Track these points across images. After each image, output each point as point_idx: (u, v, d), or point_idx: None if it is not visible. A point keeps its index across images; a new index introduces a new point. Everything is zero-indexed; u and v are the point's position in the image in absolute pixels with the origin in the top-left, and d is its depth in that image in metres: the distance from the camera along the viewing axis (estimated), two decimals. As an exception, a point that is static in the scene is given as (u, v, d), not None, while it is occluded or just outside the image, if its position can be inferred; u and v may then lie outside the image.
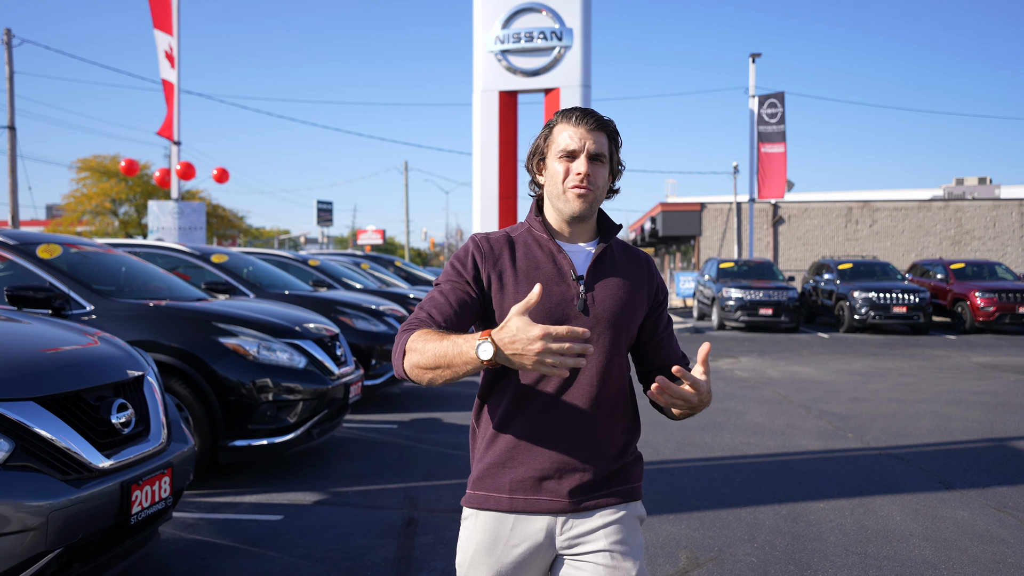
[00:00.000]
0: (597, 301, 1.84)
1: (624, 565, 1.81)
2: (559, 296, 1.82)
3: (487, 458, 1.86)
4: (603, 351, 1.83)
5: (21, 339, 3.26)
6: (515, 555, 1.82)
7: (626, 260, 1.94)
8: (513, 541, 1.82)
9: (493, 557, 1.82)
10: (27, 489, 2.57)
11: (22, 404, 2.70)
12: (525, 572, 1.83)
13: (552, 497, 1.81)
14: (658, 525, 4.41)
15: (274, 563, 3.83)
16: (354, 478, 5.42)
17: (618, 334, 1.85)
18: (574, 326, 1.56)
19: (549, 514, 1.81)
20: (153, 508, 3.11)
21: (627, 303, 1.87)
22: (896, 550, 4.08)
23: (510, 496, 1.82)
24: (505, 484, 1.82)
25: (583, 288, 1.84)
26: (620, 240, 2.01)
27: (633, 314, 1.89)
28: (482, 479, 1.85)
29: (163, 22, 15.74)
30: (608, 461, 1.85)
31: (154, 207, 16.75)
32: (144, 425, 3.24)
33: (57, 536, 2.62)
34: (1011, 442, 6.64)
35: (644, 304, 1.93)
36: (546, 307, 1.80)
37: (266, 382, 5.24)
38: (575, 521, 1.82)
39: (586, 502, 1.82)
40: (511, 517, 1.82)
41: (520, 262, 1.86)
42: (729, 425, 7.25)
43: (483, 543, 1.83)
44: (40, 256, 5.41)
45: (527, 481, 1.81)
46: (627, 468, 1.90)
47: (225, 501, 4.83)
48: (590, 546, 1.82)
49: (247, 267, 9.17)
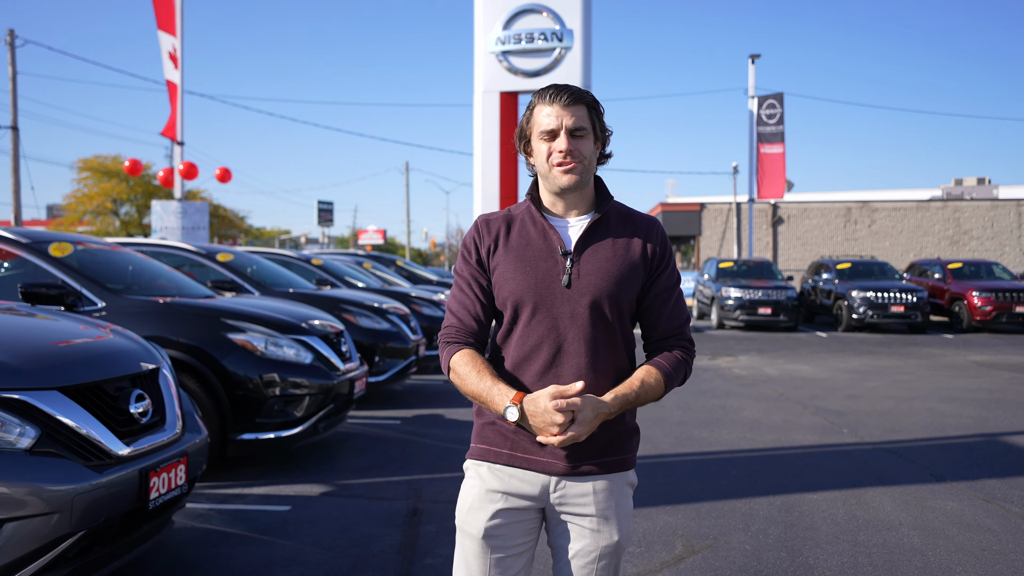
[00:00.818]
0: (583, 275, 1.90)
1: (610, 530, 1.93)
2: (545, 272, 1.91)
3: (488, 414, 1.96)
4: (587, 323, 1.90)
5: (43, 333, 3.39)
6: (509, 507, 1.93)
7: (624, 228, 1.98)
8: (509, 494, 1.93)
9: (490, 506, 1.93)
10: (53, 473, 2.70)
11: (47, 393, 2.83)
12: (518, 526, 1.94)
13: (550, 458, 1.91)
14: (656, 515, 4.54)
15: (284, 550, 3.96)
16: (359, 471, 5.55)
17: (603, 306, 1.90)
18: (557, 300, 1.88)
19: (545, 473, 1.92)
20: (169, 495, 3.24)
21: (616, 275, 1.92)
22: (886, 538, 4.20)
23: (511, 452, 1.93)
24: (508, 439, 1.93)
25: (569, 263, 1.91)
26: (623, 207, 2.04)
27: (624, 285, 1.92)
28: (485, 433, 1.97)
29: (167, 23, 15.87)
30: (604, 429, 1.91)
31: (157, 207, 16.87)
32: (160, 415, 3.37)
33: (81, 519, 2.75)
34: (1003, 437, 6.77)
35: (641, 273, 1.96)
36: (532, 282, 1.91)
37: (273, 377, 5.37)
38: (569, 483, 1.92)
39: (582, 466, 1.92)
40: (509, 471, 1.94)
41: (514, 240, 1.96)
42: (727, 421, 7.37)
43: (480, 494, 1.94)
44: (52, 254, 5.53)
45: (527, 438, 1.91)
46: (622, 438, 1.98)
47: (234, 492, 4.96)
48: (580, 508, 1.93)
49: (251, 266, 9.30)
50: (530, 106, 1.96)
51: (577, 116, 1.90)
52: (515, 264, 1.93)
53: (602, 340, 1.91)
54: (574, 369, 1.89)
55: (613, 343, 1.94)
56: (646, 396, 1.91)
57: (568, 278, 1.90)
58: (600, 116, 1.97)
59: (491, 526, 1.92)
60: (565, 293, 1.90)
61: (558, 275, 1.91)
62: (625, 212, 2.02)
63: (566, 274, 1.90)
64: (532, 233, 1.96)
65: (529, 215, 2.00)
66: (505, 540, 1.93)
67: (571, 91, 1.91)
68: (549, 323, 1.90)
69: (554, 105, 1.90)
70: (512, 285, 1.93)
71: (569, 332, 1.90)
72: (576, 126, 1.90)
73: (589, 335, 1.90)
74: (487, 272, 1.97)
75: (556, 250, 1.93)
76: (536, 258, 1.93)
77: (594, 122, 1.95)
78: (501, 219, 2.00)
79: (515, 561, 1.96)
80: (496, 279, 1.96)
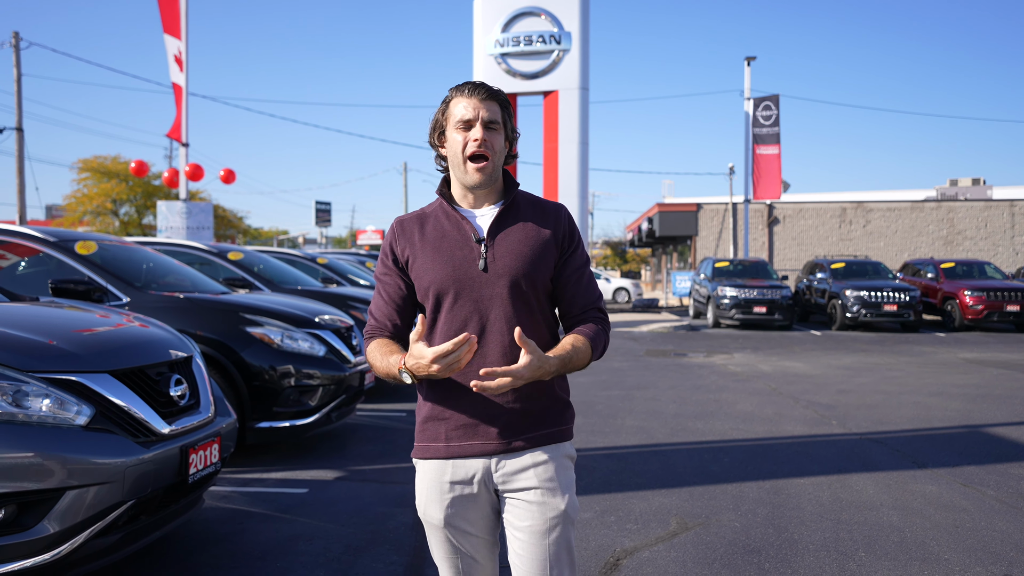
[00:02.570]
0: (498, 258, 2.00)
1: (554, 500, 2.00)
2: (461, 259, 2.00)
3: (423, 411, 2.08)
4: (507, 303, 1.99)
5: (89, 323, 3.67)
6: (459, 495, 2.01)
7: (533, 214, 2.08)
8: (455, 483, 2.02)
9: (442, 499, 2.02)
10: (107, 448, 2.99)
11: (99, 376, 3.12)
12: (473, 510, 2.03)
13: (483, 440, 2.00)
14: (651, 497, 4.83)
15: (305, 526, 4.24)
16: (370, 458, 5.83)
17: (520, 286, 2.00)
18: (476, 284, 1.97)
19: (483, 456, 2.00)
20: (205, 471, 3.52)
21: (530, 256, 2.02)
22: (866, 517, 4.50)
23: (446, 444, 2.02)
24: (442, 434, 2.02)
25: (484, 248, 2.00)
26: (530, 196, 2.14)
27: (538, 264, 2.02)
28: (423, 431, 2.07)
29: (172, 27, 16.15)
30: (532, 404, 2.01)
31: (163, 207, 17.14)
32: (195, 399, 3.66)
33: (131, 489, 3.03)
34: (985, 428, 7.07)
35: (553, 252, 2.05)
36: (450, 270, 2.00)
37: (289, 368, 5.65)
38: (507, 461, 2.01)
39: (515, 442, 2.00)
40: (450, 463, 2.02)
41: (429, 234, 2.05)
42: (720, 414, 7.67)
43: (431, 488, 2.04)
44: (78, 252, 5.82)
45: (459, 429, 2.00)
46: (553, 411, 2.07)
47: (254, 477, 5.24)
48: (522, 483, 2.01)
49: (259, 264, 9.58)
50: (446, 100, 2.05)
51: (492, 111, 2.00)
52: (432, 255, 2.02)
53: (524, 318, 2.00)
54: (499, 348, 1.97)
55: (534, 321, 2.03)
56: (578, 360, 1.99)
57: (484, 262, 1.99)
58: (511, 116, 2.08)
59: (448, 515, 2.01)
60: (483, 277, 1.99)
61: (474, 261, 1.99)
62: (532, 199, 2.12)
63: (482, 259, 1.99)
64: (446, 226, 2.05)
65: (442, 210, 2.08)
66: (465, 525, 2.02)
67: (487, 88, 2.02)
68: (471, 307, 1.99)
69: (472, 98, 2.00)
70: (431, 275, 2.01)
71: (491, 313, 1.98)
72: (491, 119, 2.00)
73: (510, 315, 1.98)
74: (404, 271, 2.07)
75: (470, 238, 2.02)
76: (452, 247, 2.01)
77: (506, 120, 2.05)
78: (415, 218, 2.10)
79: (480, 543, 2.05)
80: (415, 273, 2.04)
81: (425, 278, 2.02)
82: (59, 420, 2.94)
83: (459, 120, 2.00)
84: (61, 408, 2.96)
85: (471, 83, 2.04)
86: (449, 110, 2.04)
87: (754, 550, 3.97)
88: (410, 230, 2.07)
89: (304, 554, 3.85)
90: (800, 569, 3.74)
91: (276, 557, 3.81)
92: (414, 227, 2.08)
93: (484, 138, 1.98)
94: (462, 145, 2.00)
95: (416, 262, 2.04)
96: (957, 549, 4.01)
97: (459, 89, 2.03)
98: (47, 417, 2.92)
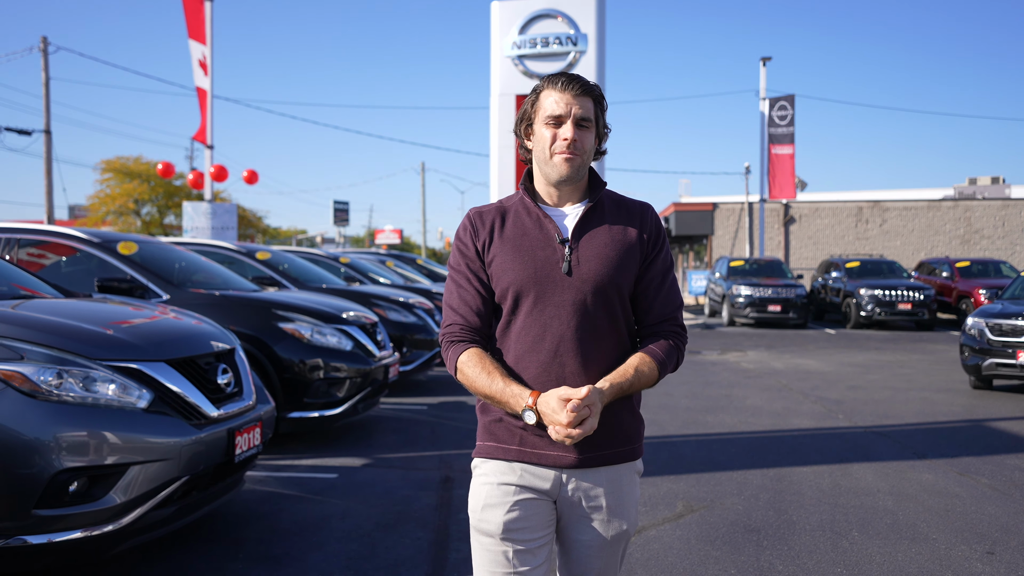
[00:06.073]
0: (582, 261, 1.89)
1: (619, 519, 1.94)
2: (543, 260, 1.88)
3: (495, 411, 1.93)
4: (590, 309, 1.88)
5: (141, 316, 4.03)
6: (525, 499, 1.89)
7: (618, 215, 1.96)
8: (523, 487, 1.90)
9: (506, 500, 1.89)
10: (165, 428, 3.34)
11: (156, 364, 3.47)
12: (536, 516, 1.90)
13: (559, 452, 1.88)
14: (660, 482, 5.13)
15: (336, 507, 4.58)
16: (394, 447, 6.16)
17: (604, 292, 1.89)
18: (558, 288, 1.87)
19: (557, 467, 1.89)
20: (249, 452, 3.86)
21: (615, 260, 1.90)
22: (863, 502, 4.77)
23: (520, 447, 1.90)
24: (516, 435, 1.90)
25: (568, 251, 1.89)
26: (615, 195, 2.02)
27: (623, 269, 1.91)
28: (491, 431, 1.94)
29: (197, 32, 16.58)
30: (613, 419, 1.90)
31: (188, 208, 17.59)
32: (239, 387, 4.00)
33: (186, 466, 3.37)
34: (987, 422, 7.30)
35: (637, 256, 1.94)
36: (531, 271, 1.88)
37: (318, 362, 5.99)
38: (580, 475, 1.91)
39: (591, 458, 1.89)
40: (519, 466, 1.90)
41: (509, 230, 1.93)
42: (730, 408, 7.94)
43: (495, 488, 1.90)
44: (121, 252, 6.19)
45: (535, 435, 1.88)
46: (629, 426, 1.97)
47: (286, 463, 5.59)
48: (592, 501, 1.92)
49: (285, 263, 9.95)
50: (536, 90, 1.92)
51: (585, 108, 1.88)
52: (512, 254, 1.90)
53: (605, 326, 1.90)
54: (579, 358, 1.87)
55: (616, 328, 1.93)
56: (639, 383, 1.89)
57: (568, 265, 1.88)
58: (603, 111, 1.96)
59: (509, 520, 1.88)
60: (565, 280, 1.88)
61: (557, 263, 1.88)
62: (618, 199, 2.01)
63: (565, 261, 1.88)
64: (527, 223, 1.93)
65: (523, 205, 1.97)
66: (525, 533, 1.89)
67: (583, 82, 1.89)
68: (551, 311, 1.87)
69: (565, 92, 1.88)
70: (512, 275, 1.89)
71: (572, 320, 1.87)
72: (583, 116, 1.88)
73: (592, 322, 1.88)
74: (484, 264, 1.94)
75: (553, 238, 1.90)
76: (533, 247, 1.90)
77: (598, 116, 1.93)
78: (494, 211, 1.96)
79: (537, 555, 1.90)
80: (494, 271, 1.92)
81: (504, 278, 1.90)
82: (123, 403, 3.28)
83: (549, 115, 1.89)
84: (125, 392, 3.30)
85: (566, 75, 1.89)
86: (539, 102, 1.92)
87: (754, 530, 4.26)
88: (491, 222, 1.95)
89: (337, 530, 4.19)
90: (796, 546, 4.02)
91: (312, 533, 4.14)
92: (495, 219, 1.95)
93: (574, 137, 1.87)
94: (549, 141, 1.89)
95: (496, 259, 1.92)
96: (946, 530, 4.28)
97: (552, 81, 1.90)
98: (112, 400, 3.26)
